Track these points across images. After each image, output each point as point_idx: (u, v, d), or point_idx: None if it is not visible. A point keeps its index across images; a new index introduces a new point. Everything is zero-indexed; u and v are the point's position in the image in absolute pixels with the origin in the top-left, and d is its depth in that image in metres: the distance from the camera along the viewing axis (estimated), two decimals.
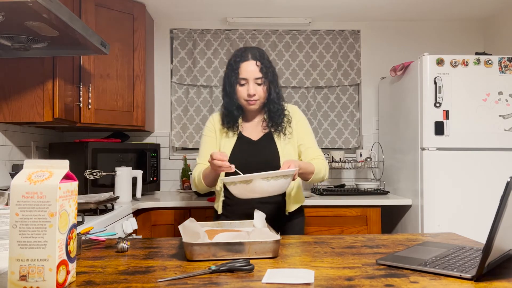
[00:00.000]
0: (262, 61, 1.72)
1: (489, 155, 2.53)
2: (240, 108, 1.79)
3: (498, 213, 0.87)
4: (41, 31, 1.69)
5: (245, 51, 1.75)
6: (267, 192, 1.39)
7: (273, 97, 1.76)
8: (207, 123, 1.89)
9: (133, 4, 2.84)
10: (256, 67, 1.70)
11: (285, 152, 1.76)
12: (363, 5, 3.06)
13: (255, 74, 1.70)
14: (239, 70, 1.71)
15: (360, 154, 3.17)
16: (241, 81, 1.71)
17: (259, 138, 1.80)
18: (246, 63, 1.71)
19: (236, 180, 1.36)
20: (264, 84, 1.72)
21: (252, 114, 1.83)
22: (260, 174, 1.35)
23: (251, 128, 1.83)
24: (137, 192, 2.66)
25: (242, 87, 1.72)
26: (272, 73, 1.75)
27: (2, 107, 2.23)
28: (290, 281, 0.91)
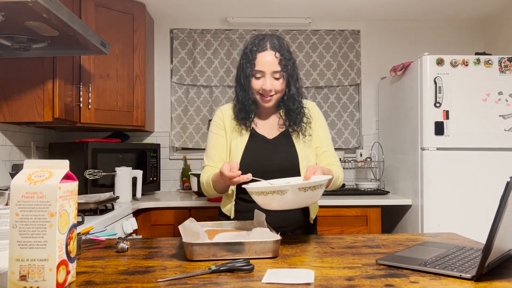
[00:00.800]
0: (281, 52, 1.53)
1: (489, 155, 2.53)
2: (254, 102, 1.60)
3: (498, 213, 0.87)
4: (41, 31, 1.69)
5: (263, 40, 1.55)
6: (300, 204, 1.23)
7: (293, 93, 1.57)
8: (215, 118, 1.69)
9: (133, 4, 2.84)
10: (274, 59, 1.51)
11: (304, 155, 1.59)
12: (363, 5, 3.06)
13: (273, 66, 1.52)
14: (255, 61, 1.52)
15: (360, 154, 3.17)
16: (257, 73, 1.53)
17: (274, 136, 1.63)
18: (263, 54, 1.52)
19: (266, 190, 1.20)
20: (283, 78, 1.54)
21: (267, 111, 1.65)
22: (296, 184, 1.18)
23: (266, 125, 1.66)
24: (137, 192, 2.66)
25: (258, 80, 1.54)
26: (293, 65, 1.56)
27: (2, 107, 2.23)
28: (290, 281, 0.91)
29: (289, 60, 1.55)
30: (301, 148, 1.60)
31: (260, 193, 1.22)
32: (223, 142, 1.65)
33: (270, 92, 1.54)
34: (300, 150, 1.59)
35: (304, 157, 1.59)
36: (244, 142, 1.60)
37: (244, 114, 1.60)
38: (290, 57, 1.55)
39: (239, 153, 1.59)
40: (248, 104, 1.58)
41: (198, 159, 3.32)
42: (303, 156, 1.59)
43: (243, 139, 1.61)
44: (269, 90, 1.53)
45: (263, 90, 1.53)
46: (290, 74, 1.55)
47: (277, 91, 1.55)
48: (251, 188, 1.24)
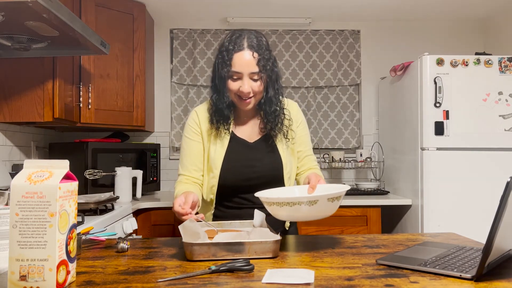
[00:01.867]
0: (260, 51, 1.41)
1: (489, 155, 2.53)
2: (232, 105, 1.51)
3: (498, 213, 0.87)
4: (41, 31, 1.69)
5: (240, 37, 1.43)
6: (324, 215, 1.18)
7: (270, 96, 1.47)
8: (189, 121, 1.57)
9: (133, 4, 2.84)
10: (252, 59, 1.40)
11: (287, 161, 1.53)
12: (363, 5, 3.06)
13: (251, 68, 1.40)
14: (231, 61, 1.41)
15: (360, 154, 3.17)
16: (234, 75, 1.42)
17: (255, 140, 1.55)
18: (240, 54, 1.40)
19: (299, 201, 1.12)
20: (261, 80, 1.43)
21: (246, 113, 1.55)
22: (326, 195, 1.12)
23: (246, 128, 1.56)
24: (137, 192, 2.66)
25: (235, 82, 1.43)
26: (272, 65, 1.45)
27: (2, 107, 2.23)
28: (290, 281, 0.91)
29: (268, 59, 1.44)
30: (284, 153, 1.52)
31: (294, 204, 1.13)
32: (198, 148, 1.54)
33: (249, 95, 1.43)
34: (284, 155, 1.52)
35: (288, 163, 1.53)
36: (225, 147, 1.51)
37: (219, 117, 1.50)
38: (269, 56, 1.44)
39: (219, 159, 1.50)
40: (222, 107, 1.48)
41: None
42: (287, 162, 1.52)
43: (223, 144, 1.51)
44: (247, 92, 1.42)
45: (240, 92, 1.43)
46: (269, 75, 1.44)
47: (256, 93, 1.44)
48: (277, 199, 1.15)
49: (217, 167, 1.50)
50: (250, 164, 1.51)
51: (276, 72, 1.48)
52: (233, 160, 1.50)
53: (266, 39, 1.49)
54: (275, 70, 1.48)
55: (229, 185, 1.51)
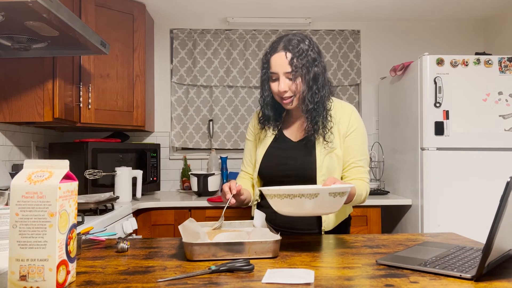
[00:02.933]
0: (294, 51, 1.45)
1: (489, 155, 2.53)
2: (275, 106, 1.58)
3: (498, 213, 0.87)
4: (41, 31, 1.69)
5: (277, 41, 1.51)
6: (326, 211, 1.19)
7: (304, 95, 1.48)
8: (249, 123, 1.73)
9: (133, 4, 2.84)
10: (285, 59, 1.46)
11: (323, 164, 1.50)
12: (363, 5, 3.06)
13: (284, 67, 1.46)
14: (269, 64, 1.49)
15: None
16: (273, 75, 1.49)
17: (299, 140, 1.58)
18: (276, 56, 1.47)
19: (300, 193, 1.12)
20: (299, 79, 1.46)
21: (294, 113, 1.61)
22: (328, 188, 1.12)
23: (293, 128, 1.61)
24: (137, 192, 2.66)
25: (274, 83, 1.50)
26: (308, 64, 1.46)
27: (2, 107, 2.23)
28: (290, 281, 0.91)
29: (303, 58, 1.45)
30: (321, 155, 1.51)
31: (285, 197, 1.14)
32: (252, 147, 1.70)
33: (286, 93, 1.48)
34: (320, 157, 1.51)
35: (324, 165, 1.50)
36: (267, 145, 1.61)
37: (264, 117, 1.60)
38: (305, 55, 1.46)
39: (260, 155, 1.60)
40: (263, 107, 1.58)
41: (198, 159, 3.32)
42: (322, 164, 1.50)
43: (267, 142, 1.62)
44: (284, 91, 1.47)
45: (278, 91, 1.49)
46: (303, 75, 1.46)
47: (294, 92, 1.48)
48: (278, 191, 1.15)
49: (258, 162, 1.61)
50: (285, 162, 1.56)
51: (314, 71, 1.48)
52: (271, 157, 1.58)
53: (310, 41, 1.51)
54: (314, 70, 1.48)
55: (267, 180, 1.61)
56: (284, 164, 1.55)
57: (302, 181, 1.50)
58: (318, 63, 1.50)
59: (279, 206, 1.17)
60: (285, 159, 1.56)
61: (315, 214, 1.19)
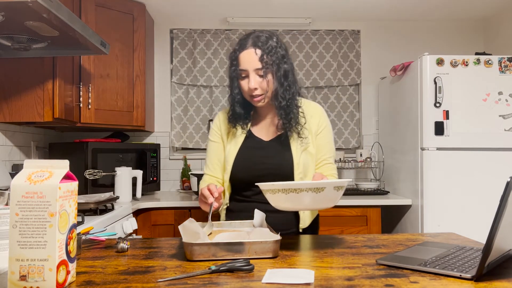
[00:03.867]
0: (263, 47, 1.44)
1: (489, 155, 2.53)
2: (244, 104, 1.55)
3: (498, 213, 0.87)
4: (41, 31, 1.69)
5: (245, 38, 1.49)
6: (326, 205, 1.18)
7: (276, 92, 1.47)
8: (212, 125, 1.67)
9: (133, 4, 2.84)
10: (255, 56, 1.44)
11: (300, 161, 1.51)
12: (363, 5, 3.06)
13: (255, 64, 1.44)
14: (238, 61, 1.47)
15: (360, 154, 3.17)
16: (242, 73, 1.46)
17: (271, 139, 1.57)
18: (245, 52, 1.45)
19: (303, 187, 1.11)
20: (269, 76, 1.45)
21: (262, 111, 1.59)
22: (333, 182, 1.12)
23: (263, 127, 1.60)
24: (137, 192, 2.66)
25: (244, 81, 1.47)
26: (278, 61, 1.46)
27: (2, 107, 2.23)
28: (290, 281, 0.91)
29: (273, 55, 1.45)
30: (298, 152, 1.52)
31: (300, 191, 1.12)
32: (219, 148, 1.62)
33: (257, 91, 1.46)
34: (297, 154, 1.52)
35: (301, 163, 1.51)
36: (238, 145, 1.56)
37: (234, 116, 1.56)
38: (274, 51, 1.46)
39: (232, 156, 1.56)
40: (233, 105, 1.55)
41: (198, 159, 3.32)
42: (299, 161, 1.51)
43: (238, 142, 1.57)
44: (254, 88, 1.45)
45: (249, 89, 1.46)
46: (274, 71, 1.46)
47: (265, 90, 1.46)
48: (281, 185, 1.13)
49: (229, 163, 1.56)
50: (261, 161, 1.53)
51: (284, 68, 1.48)
52: (245, 157, 1.55)
53: (277, 38, 1.51)
54: (283, 67, 1.48)
55: (240, 181, 1.56)
56: (260, 163, 1.53)
57: (279, 180, 1.47)
58: (287, 60, 1.50)
59: (280, 201, 1.16)
60: (261, 158, 1.54)
61: (315, 209, 1.19)
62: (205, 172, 1.66)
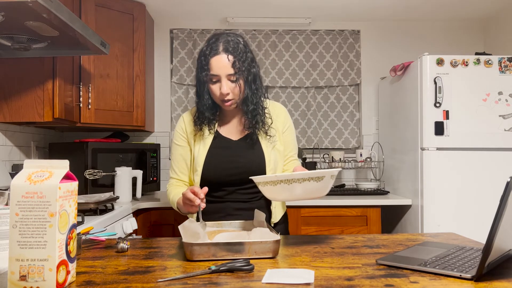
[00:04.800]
0: (235, 53, 1.47)
1: (489, 155, 2.53)
2: (213, 108, 1.57)
3: (498, 213, 0.87)
4: (41, 31, 1.69)
5: (216, 42, 1.49)
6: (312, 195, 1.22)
7: (247, 96, 1.52)
8: (177, 127, 1.66)
9: (133, 4, 2.84)
10: (227, 62, 1.46)
11: (271, 158, 1.56)
12: (363, 5, 3.06)
13: (227, 69, 1.46)
14: (209, 65, 1.47)
15: (360, 154, 3.17)
16: (213, 78, 1.48)
17: (239, 138, 1.60)
18: (217, 58, 1.46)
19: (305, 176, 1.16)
20: (238, 81, 1.49)
21: (229, 112, 1.62)
22: (330, 171, 1.17)
23: (230, 127, 1.62)
24: (137, 192, 2.66)
25: (215, 85, 1.49)
26: (248, 66, 1.50)
27: (2, 107, 2.23)
28: (290, 281, 0.91)
29: (244, 61, 1.49)
30: (268, 150, 1.57)
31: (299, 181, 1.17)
32: (185, 152, 1.63)
33: (228, 96, 1.49)
34: (267, 152, 1.57)
35: (272, 160, 1.56)
36: (207, 146, 1.58)
37: (201, 119, 1.57)
38: (245, 57, 1.50)
39: (202, 157, 1.56)
40: (203, 109, 1.55)
41: None
42: (270, 159, 1.56)
43: (206, 143, 1.58)
44: (226, 93, 1.48)
45: (220, 94, 1.49)
46: (245, 77, 1.50)
47: (236, 94, 1.50)
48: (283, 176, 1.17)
49: (200, 164, 1.56)
50: (232, 160, 1.56)
51: (253, 72, 1.53)
52: (215, 157, 1.56)
53: (244, 41, 1.55)
54: (252, 71, 1.52)
55: (212, 181, 1.56)
56: (231, 162, 1.55)
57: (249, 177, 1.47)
58: (255, 63, 1.55)
59: (280, 192, 1.20)
60: (232, 157, 1.56)
61: (310, 198, 1.22)
62: (171, 176, 1.66)
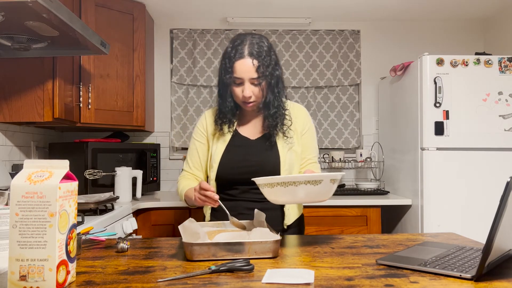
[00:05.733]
0: (259, 58, 1.49)
1: (489, 155, 2.53)
2: (235, 108, 1.60)
3: (498, 213, 0.87)
4: (41, 31, 1.69)
5: (242, 44, 1.51)
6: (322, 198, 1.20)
7: (269, 100, 1.54)
8: (198, 123, 1.71)
9: (133, 4, 2.84)
10: (252, 66, 1.48)
11: (286, 159, 1.56)
12: (363, 5, 3.06)
13: (251, 74, 1.49)
14: (233, 68, 1.50)
15: (360, 154, 3.17)
16: (237, 80, 1.51)
17: (257, 138, 1.61)
18: (241, 61, 1.49)
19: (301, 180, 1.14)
20: (261, 85, 1.51)
21: (250, 112, 1.64)
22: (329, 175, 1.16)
23: (249, 126, 1.64)
24: (137, 192, 2.66)
25: (238, 88, 1.52)
26: (272, 70, 1.52)
27: (2, 107, 2.23)
28: (290, 281, 0.91)
29: (268, 65, 1.51)
30: (284, 151, 1.57)
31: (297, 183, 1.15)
32: (203, 149, 1.66)
33: (250, 99, 1.52)
34: (283, 152, 1.56)
35: (287, 160, 1.56)
36: (225, 143, 1.60)
37: (223, 119, 1.60)
38: (269, 61, 1.52)
39: (219, 154, 1.59)
40: (225, 111, 1.58)
41: None
42: (285, 159, 1.56)
43: (224, 141, 1.61)
44: (249, 96, 1.51)
45: (243, 97, 1.52)
46: (268, 81, 1.52)
47: (258, 97, 1.53)
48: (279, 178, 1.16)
49: (216, 161, 1.58)
50: (247, 159, 1.57)
51: (276, 76, 1.55)
52: (231, 155, 1.58)
53: (269, 43, 1.56)
54: (276, 74, 1.54)
55: (227, 179, 1.58)
56: (246, 161, 1.57)
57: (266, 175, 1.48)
58: (278, 66, 1.56)
59: (278, 195, 1.18)
60: (247, 156, 1.57)
61: (311, 201, 1.21)
62: (184, 169, 1.69)
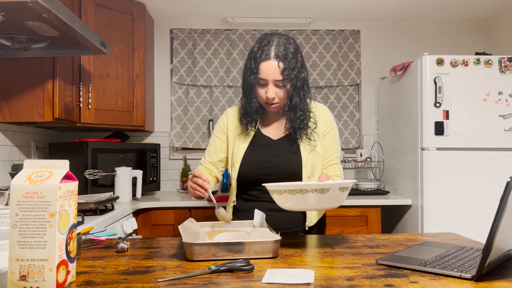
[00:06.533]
0: (285, 61, 1.47)
1: (489, 155, 2.53)
2: (259, 108, 1.59)
3: (498, 213, 0.87)
4: (41, 31, 1.69)
5: (268, 45, 1.49)
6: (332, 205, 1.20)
7: (295, 103, 1.53)
8: (219, 120, 1.69)
9: (133, 4, 2.84)
10: (277, 68, 1.47)
11: (308, 160, 1.54)
12: (363, 5, 3.06)
13: (276, 76, 1.47)
14: (258, 69, 1.48)
15: (360, 154, 3.17)
16: (261, 81, 1.50)
17: (279, 138, 1.60)
18: (267, 63, 1.47)
19: (308, 188, 1.13)
20: (286, 87, 1.49)
21: (273, 113, 1.62)
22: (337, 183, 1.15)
23: (272, 126, 1.63)
24: (137, 192, 2.66)
25: (262, 88, 1.51)
26: (297, 73, 1.50)
27: (2, 107, 2.23)
28: (290, 281, 0.91)
29: (294, 68, 1.49)
30: (306, 153, 1.55)
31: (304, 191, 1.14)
32: (221, 146, 1.66)
33: (274, 100, 1.51)
34: (305, 154, 1.55)
35: (308, 162, 1.54)
36: (247, 143, 1.59)
37: (247, 119, 1.59)
38: (295, 64, 1.49)
39: (240, 153, 1.58)
40: (250, 111, 1.57)
41: (198, 159, 3.32)
42: (307, 161, 1.54)
43: (246, 140, 1.60)
44: (272, 98, 1.49)
45: (266, 98, 1.50)
46: (293, 84, 1.50)
47: (281, 99, 1.52)
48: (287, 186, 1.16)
49: (237, 161, 1.58)
50: (269, 160, 1.56)
51: (302, 78, 1.53)
52: (253, 155, 1.57)
53: (295, 45, 1.54)
54: (301, 77, 1.52)
55: (248, 178, 1.57)
56: (267, 162, 1.55)
57: (286, 178, 1.50)
58: (304, 68, 1.54)
59: (286, 201, 1.18)
60: (269, 157, 1.56)
61: (320, 209, 1.21)
62: (201, 163, 1.70)
